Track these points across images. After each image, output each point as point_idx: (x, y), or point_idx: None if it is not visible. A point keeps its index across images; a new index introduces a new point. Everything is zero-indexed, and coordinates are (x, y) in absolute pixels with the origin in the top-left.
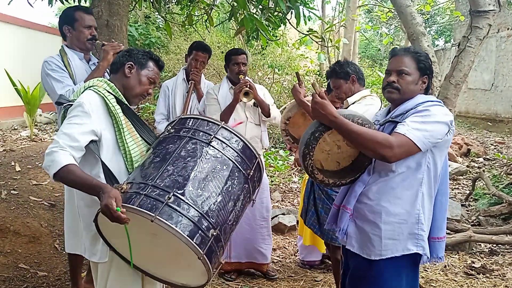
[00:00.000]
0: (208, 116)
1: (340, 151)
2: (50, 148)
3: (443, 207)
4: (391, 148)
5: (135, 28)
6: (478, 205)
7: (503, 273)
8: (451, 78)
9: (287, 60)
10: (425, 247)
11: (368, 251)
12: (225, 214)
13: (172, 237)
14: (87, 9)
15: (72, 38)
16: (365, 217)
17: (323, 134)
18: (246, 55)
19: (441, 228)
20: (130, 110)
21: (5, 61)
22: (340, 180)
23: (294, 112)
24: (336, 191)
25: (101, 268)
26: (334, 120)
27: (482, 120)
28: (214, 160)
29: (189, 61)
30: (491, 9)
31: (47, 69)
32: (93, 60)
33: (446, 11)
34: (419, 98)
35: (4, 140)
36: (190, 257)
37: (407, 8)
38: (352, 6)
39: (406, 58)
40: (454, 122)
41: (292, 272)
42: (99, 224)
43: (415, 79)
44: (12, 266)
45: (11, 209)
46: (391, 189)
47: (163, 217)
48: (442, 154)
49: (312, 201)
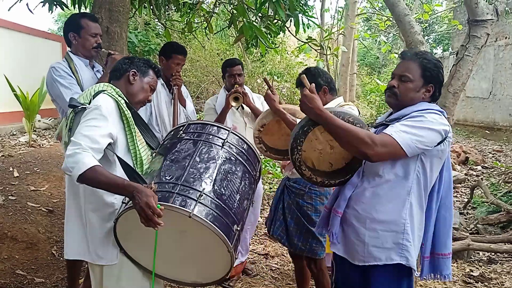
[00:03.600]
0: (216, 122)
1: (333, 152)
2: (72, 149)
3: (447, 223)
4: (373, 145)
5: (135, 35)
6: (476, 213)
7: (501, 281)
8: (449, 86)
9: (286, 68)
10: (409, 259)
11: (352, 255)
12: (242, 212)
13: (201, 233)
14: (93, 17)
15: (77, 45)
16: (350, 222)
17: (312, 128)
18: (242, 65)
19: (446, 244)
20: (136, 114)
21: (5, 67)
22: (329, 180)
23: (269, 120)
24: (307, 201)
25: (108, 271)
26: (319, 114)
27: (480, 128)
28: (229, 162)
29: (169, 65)
30: (489, 18)
31: (54, 75)
32: (97, 67)
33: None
34: (421, 105)
35: (2, 146)
36: (213, 252)
37: (406, 17)
38: (351, 14)
39: (412, 64)
40: (451, 133)
41: (291, 280)
42: (116, 226)
43: (417, 86)
44: (9, 272)
45: (8, 215)
46: (378, 197)
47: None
48: (435, 164)
49: (280, 210)
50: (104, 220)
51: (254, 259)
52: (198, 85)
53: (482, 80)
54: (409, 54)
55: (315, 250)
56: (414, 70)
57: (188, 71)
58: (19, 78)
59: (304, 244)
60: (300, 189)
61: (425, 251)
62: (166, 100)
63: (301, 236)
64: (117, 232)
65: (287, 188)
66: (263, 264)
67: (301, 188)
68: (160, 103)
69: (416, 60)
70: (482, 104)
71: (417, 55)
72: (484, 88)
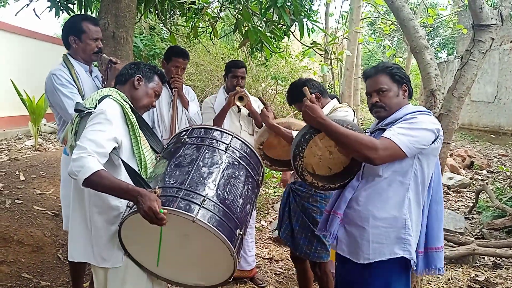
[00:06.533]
0: (219, 127)
1: (332, 157)
2: (77, 153)
3: (438, 216)
4: (376, 150)
5: (140, 39)
6: (481, 218)
7: (507, 286)
8: (454, 91)
9: (290, 72)
10: (411, 252)
11: (356, 255)
12: (245, 216)
13: (205, 237)
14: (94, 20)
15: (77, 50)
16: (353, 222)
17: (313, 136)
18: (246, 69)
19: (438, 238)
20: (141, 118)
21: (11, 71)
22: (329, 184)
23: (266, 137)
24: (313, 204)
25: (113, 274)
26: (322, 122)
27: (485, 133)
28: (233, 167)
29: (168, 68)
30: (493, 23)
31: (56, 83)
32: (95, 73)
33: (449, 24)
34: (409, 108)
35: (8, 150)
36: (216, 256)
37: (410, 22)
38: (355, 18)
39: (379, 77)
40: (441, 131)
41: (295, 284)
42: (121, 230)
43: (395, 91)
44: (15, 275)
45: (15, 218)
46: (378, 195)
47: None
48: (430, 162)
49: (287, 213)
50: (109, 223)
51: (258, 263)
52: (203, 89)
53: (487, 84)
54: (371, 71)
55: (319, 253)
56: (385, 80)
57: (193, 75)
58: (25, 82)
59: (309, 248)
60: (306, 192)
61: (419, 246)
62: (168, 101)
63: (306, 239)
64: (122, 235)
65: (293, 192)
66: (267, 269)
67: (307, 191)
68: (162, 104)
69: (380, 71)
70: (487, 108)
71: (378, 68)
72: (489, 92)
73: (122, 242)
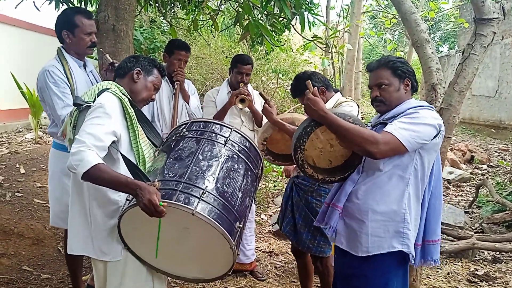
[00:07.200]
0: (218, 120)
1: (333, 150)
2: (76, 147)
3: (436, 210)
4: (377, 144)
5: (140, 32)
6: (481, 212)
7: (506, 280)
8: (455, 85)
9: (291, 65)
10: (410, 246)
11: (355, 248)
12: (244, 209)
13: (204, 230)
14: (88, 13)
15: (71, 44)
16: (353, 215)
17: (314, 129)
18: (252, 66)
19: (435, 231)
20: (140, 112)
21: (11, 64)
22: (329, 177)
23: (270, 133)
24: (316, 198)
25: (112, 267)
26: (324, 115)
27: (486, 127)
28: (232, 160)
29: (171, 61)
30: (495, 17)
31: (48, 80)
32: (90, 67)
33: (450, 18)
34: (411, 102)
35: (9, 143)
36: (215, 249)
37: (412, 15)
38: (357, 12)
39: (381, 71)
40: (443, 126)
41: (295, 278)
42: (121, 223)
43: (396, 86)
44: (16, 268)
45: (15, 211)
46: (378, 188)
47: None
48: (431, 157)
49: (290, 207)
50: (108, 217)
51: (258, 257)
52: (203, 82)
53: (488, 78)
54: (374, 65)
55: (322, 248)
56: (386, 74)
57: (193, 69)
58: (25, 75)
59: (311, 242)
60: (309, 186)
61: (417, 239)
62: (168, 96)
63: (309, 233)
64: (121, 228)
65: (296, 186)
66: (267, 262)
67: (310, 185)
68: (162, 98)
69: (382, 65)
70: (488, 103)
71: (380, 62)
72: (490, 86)
73: (121, 236)
